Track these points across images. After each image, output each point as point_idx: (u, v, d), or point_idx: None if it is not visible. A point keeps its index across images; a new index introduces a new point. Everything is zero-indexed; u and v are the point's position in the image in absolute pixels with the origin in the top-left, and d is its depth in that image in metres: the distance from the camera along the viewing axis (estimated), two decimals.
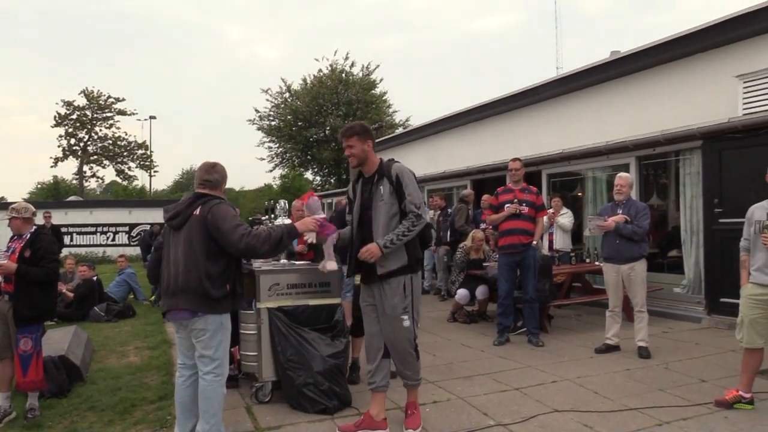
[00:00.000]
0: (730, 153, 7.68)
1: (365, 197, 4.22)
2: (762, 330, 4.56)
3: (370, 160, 4.23)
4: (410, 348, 4.18)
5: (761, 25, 7.59)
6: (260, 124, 33.94)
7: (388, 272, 4.08)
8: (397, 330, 4.13)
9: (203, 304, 3.68)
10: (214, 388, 3.75)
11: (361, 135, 4.17)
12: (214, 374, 3.76)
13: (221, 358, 3.80)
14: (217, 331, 3.75)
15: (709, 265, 7.99)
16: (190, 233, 3.74)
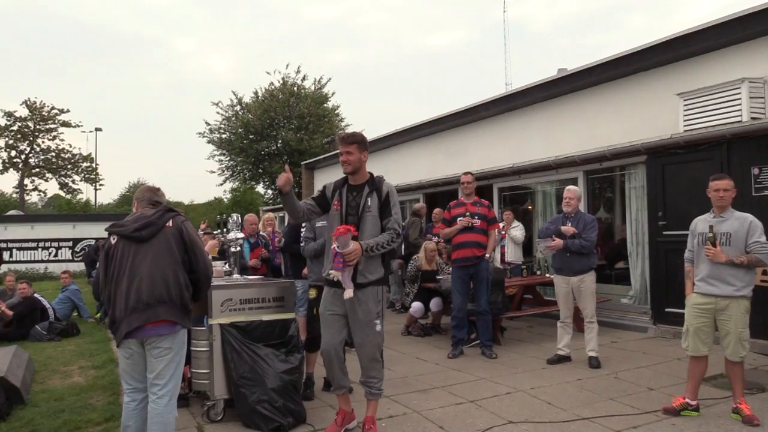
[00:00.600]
0: (672, 167, 7.95)
1: (350, 204, 4.31)
2: (706, 338, 4.71)
3: (363, 171, 4.37)
4: (378, 354, 4.35)
5: (700, 45, 7.92)
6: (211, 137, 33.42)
7: (367, 282, 4.23)
8: (370, 335, 4.27)
9: (183, 316, 3.62)
10: (168, 411, 3.60)
11: (360, 144, 4.32)
12: (169, 396, 3.61)
13: (177, 380, 3.68)
14: (180, 349, 3.66)
15: (654, 276, 8.24)
16: (167, 243, 3.62)
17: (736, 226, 4.58)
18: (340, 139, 4.39)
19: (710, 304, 4.63)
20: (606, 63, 9.25)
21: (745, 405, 4.57)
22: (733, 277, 4.53)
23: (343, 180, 4.44)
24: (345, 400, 4.51)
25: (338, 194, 4.37)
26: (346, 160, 4.29)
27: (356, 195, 4.33)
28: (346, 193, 4.36)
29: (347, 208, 4.31)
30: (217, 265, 5.42)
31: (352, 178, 4.39)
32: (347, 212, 4.31)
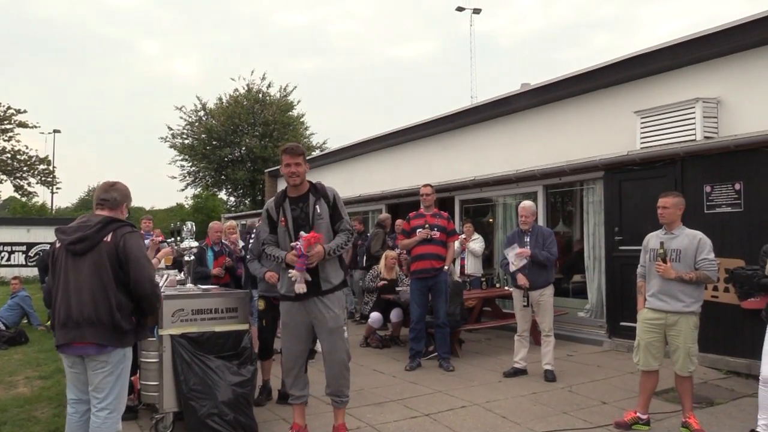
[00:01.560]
0: (628, 184, 8.10)
1: (298, 216, 4.28)
2: (657, 353, 4.78)
3: (304, 181, 4.38)
4: (347, 360, 4.42)
5: (657, 65, 8.11)
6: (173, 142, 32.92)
7: (333, 287, 4.28)
8: (339, 341, 4.33)
9: (113, 337, 3.39)
10: (108, 426, 3.44)
11: (304, 155, 4.35)
12: (109, 410, 3.45)
13: (119, 393, 3.51)
14: (119, 363, 3.48)
15: (610, 291, 8.36)
16: (100, 260, 3.41)
17: (685, 243, 4.67)
18: (286, 151, 4.32)
19: (660, 319, 4.71)
20: (567, 79, 9.40)
21: (693, 419, 4.65)
22: (683, 293, 4.61)
23: (281, 195, 4.41)
24: (300, 413, 4.48)
25: (282, 211, 4.34)
26: (295, 171, 4.27)
27: (302, 206, 4.32)
28: (289, 206, 4.33)
29: (295, 221, 4.28)
30: (170, 274, 5.30)
31: (293, 191, 4.37)
32: (296, 225, 4.27)
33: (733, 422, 4.92)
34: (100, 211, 3.63)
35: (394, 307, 8.41)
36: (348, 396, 4.50)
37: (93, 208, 3.75)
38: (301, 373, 4.41)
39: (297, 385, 4.43)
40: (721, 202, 6.91)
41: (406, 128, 13.50)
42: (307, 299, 4.26)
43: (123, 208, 3.69)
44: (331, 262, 4.32)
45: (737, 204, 6.77)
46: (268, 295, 5.47)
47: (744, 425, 4.73)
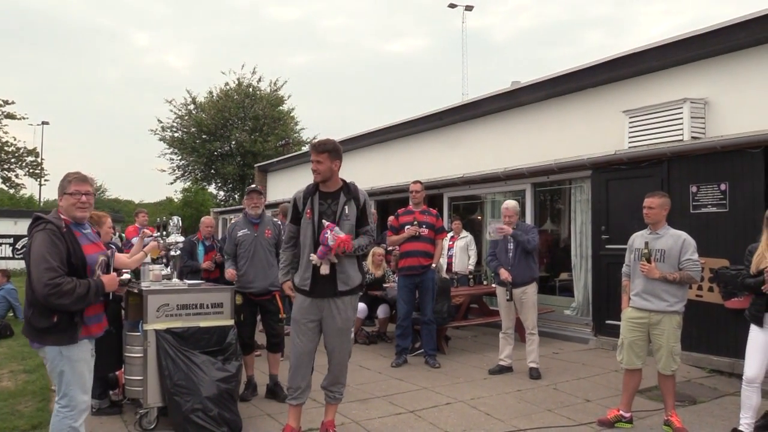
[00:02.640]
0: (615, 183, 8.14)
1: (324, 211, 4.23)
2: (640, 352, 4.82)
3: (335, 178, 4.31)
4: (348, 360, 4.44)
5: (645, 65, 8.15)
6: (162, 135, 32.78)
7: (349, 290, 4.26)
8: (345, 342, 4.35)
9: (31, 334, 3.38)
10: (58, 420, 3.39)
11: (332, 153, 4.23)
12: (61, 405, 3.40)
13: (67, 392, 3.40)
14: (55, 361, 3.37)
15: (596, 289, 8.40)
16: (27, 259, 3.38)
17: (670, 243, 4.70)
18: (311, 147, 4.30)
19: (644, 318, 4.74)
20: (557, 78, 9.42)
21: (675, 417, 4.69)
22: (667, 293, 4.65)
23: (313, 187, 4.33)
24: (296, 415, 4.37)
25: (309, 203, 4.27)
26: (315, 169, 4.23)
27: (331, 202, 4.27)
28: (318, 200, 4.27)
29: (321, 215, 4.22)
30: (155, 268, 5.27)
31: (324, 186, 4.31)
32: (320, 219, 4.21)
33: (715, 420, 4.97)
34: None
35: (381, 303, 8.42)
36: (342, 395, 4.48)
37: None
38: (307, 373, 4.32)
39: (303, 384, 4.30)
40: (707, 202, 6.96)
41: (395, 124, 13.50)
42: (321, 298, 4.23)
43: (58, 200, 3.53)
44: (351, 263, 4.29)
45: (722, 204, 6.82)
46: (245, 291, 5.50)
47: (726, 424, 4.78)
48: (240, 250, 5.58)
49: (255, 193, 5.74)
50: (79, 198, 3.46)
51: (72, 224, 3.45)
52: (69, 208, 3.46)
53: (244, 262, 5.54)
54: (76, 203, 3.47)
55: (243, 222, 5.72)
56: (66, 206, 3.46)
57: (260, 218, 5.69)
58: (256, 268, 5.53)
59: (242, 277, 5.53)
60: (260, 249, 5.57)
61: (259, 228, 5.64)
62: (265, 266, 5.57)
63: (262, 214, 5.74)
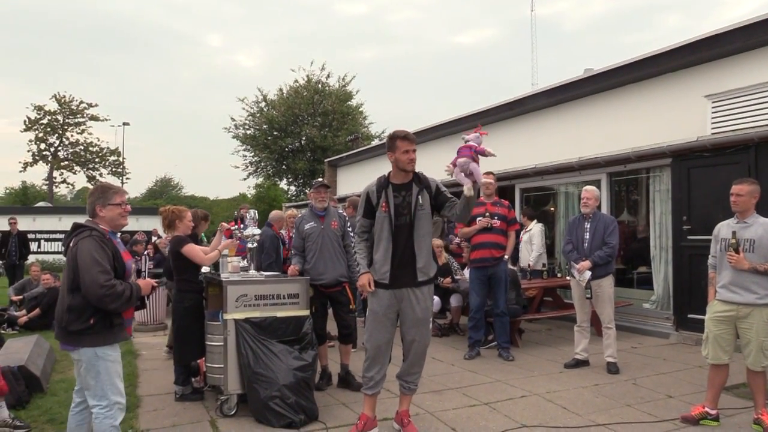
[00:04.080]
0: (698, 171, 7.80)
1: (400, 203, 4.25)
2: (727, 346, 4.60)
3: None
4: (426, 350, 4.44)
5: (729, 46, 7.75)
6: (236, 133, 33.72)
7: (428, 279, 4.28)
8: (425, 333, 4.37)
9: (67, 337, 3.49)
10: (99, 422, 3.50)
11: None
12: (100, 406, 3.50)
13: (104, 392, 3.49)
14: (92, 362, 3.47)
15: (677, 282, 8.08)
16: (67, 265, 3.52)
17: (760, 232, 4.46)
18: (407, 138, 4.25)
19: (731, 311, 4.52)
20: (632, 63, 9.09)
21: (766, 416, 4.45)
22: (756, 285, 4.41)
23: (385, 180, 4.34)
24: (371, 404, 4.38)
25: (384, 195, 4.28)
26: (414, 158, 4.25)
27: (405, 194, 4.26)
28: (393, 193, 4.28)
29: (396, 208, 4.23)
30: (233, 260, 5.45)
31: (398, 177, 4.31)
32: (397, 212, 4.22)
33: None
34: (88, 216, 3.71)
35: (453, 294, 8.39)
36: (418, 384, 4.50)
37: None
38: (385, 363, 4.35)
39: (379, 374, 4.33)
40: None
41: (464, 116, 13.38)
42: (400, 288, 4.24)
43: (97, 211, 3.61)
44: (428, 253, 4.29)
45: None
46: (315, 283, 5.56)
47: None
48: (308, 243, 5.62)
49: (323, 187, 5.77)
50: (125, 207, 3.67)
51: (109, 233, 3.60)
52: (115, 218, 3.62)
53: (313, 254, 5.58)
54: (122, 212, 3.66)
55: (309, 215, 5.76)
56: (112, 216, 3.61)
57: (326, 211, 5.72)
58: (325, 260, 5.56)
59: (312, 269, 5.58)
60: (328, 241, 5.60)
61: (326, 220, 5.67)
62: (333, 258, 5.61)
63: (328, 206, 5.78)
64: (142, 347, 7.84)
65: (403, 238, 4.23)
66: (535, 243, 9.39)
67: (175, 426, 4.64)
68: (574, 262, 6.34)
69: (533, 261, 9.28)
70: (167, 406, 5.16)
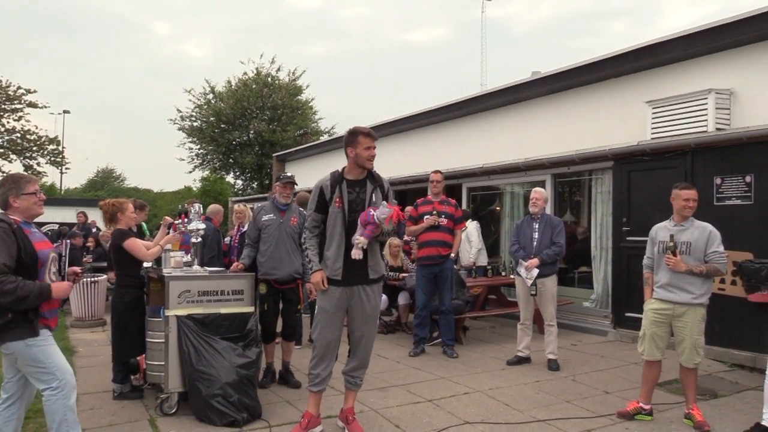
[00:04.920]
0: (638, 174, 8.05)
1: (354, 200, 4.20)
2: (661, 343, 4.77)
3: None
4: (372, 346, 4.48)
5: (670, 55, 8.03)
6: (181, 125, 32.93)
7: (378, 277, 4.32)
8: (373, 329, 4.42)
9: None
10: (51, 405, 3.47)
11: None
12: (51, 389, 3.45)
13: (50, 372, 3.45)
14: (25, 352, 3.41)
15: (616, 281, 8.33)
16: None
17: (696, 235, 4.64)
18: (369, 134, 4.21)
19: (668, 310, 4.70)
20: (578, 68, 9.32)
21: (697, 411, 4.65)
22: (692, 285, 4.59)
23: (339, 176, 4.27)
24: (316, 402, 4.35)
25: (338, 191, 4.21)
26: (374, 155, 4.23)
27: (359, 191, 4.22)
28: (347, 188, 4.23)
29: (350, 204, 4.19)
30: (176, 255, 5.32)
31: (353, 173, 4.26)
32: (350, 208, 4.18)
33: (736, 415, 4.91)
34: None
35: (400, 292, 8.42)
36: (363, 380, 4.50)
37: None
38: (332, 361, 4.32)
39: (327, 371, 4.30)
40: (731, 195, 6.87)
41: (415, 114, 13.46)
42: (352, 286, 4.21)
43: (11, 202, 3.51)
44: (377, 252, 4.32)
45: (747, 197, 6.73)
46: (269, 278, 5.49)
47: (748, 418, 4.72)
48: (264, 235, 5.51)
49: (291, 184, 5.64)
50: (39, 196, 3.60)
51: (21, 222, 3.49)
52: (30, 207, 3.54)
53: (267, 247, 5.48)
54: (37, 201, 3.59)
55: (270, 207, 5.65)
56: (27, 205, 3.53)
57: (287, 206, 5.64)
58: (281, 255, 5.46)
59: (266, 262, 5.48)
60: (285, 235, 5.50)
61: (286, 215, 5.58)
62: (289, 253, 5.52)
63: (291, 203, 5.69)
64: (79, 344, 7.57)
65: (353, 232, 4.20)
66: (473, 240, 9.47)
67: (112, 425, 4.50)
68: (522, 260, 6.46)
69: (474, 257, 9.38)
70: (105, 404, 5.00)
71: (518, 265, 6.56)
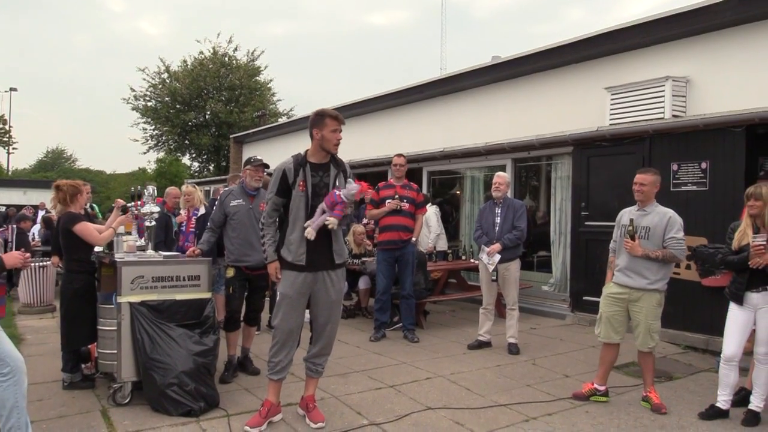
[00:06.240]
0: (597, 159, 8.12)
1: (317, 183, 4.09)
2: (618, 326, 4.82)
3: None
4: (336, 331, 4.39)
5: (628, 42, 8.09)
6: (135, 104, 32.04)
7: (342, 262, 4.27)
8: (338, 315, 4.36)
9: None
10: (2, 390, 3.39)
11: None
12: (2, 375, 3.39)
13: (1, 357, 3.39)
14: None
15: (574, 265, 8.43)
16: None
17: (655, 220, 4.68)
18: (338, 118, 4.10)
19: (624, 294, 4.74)
20: (538, 53, 9.33)
21: (654, 393, 4.72)
22: (648, 270, 4.64)
23: (302, 159, 4.14)
24: (276, 390, 4.24)
25: (302, 174, 4.08)
26: (340, 138, 4.12)
27: (323, 174, 4.11)
28: (310, 172, 4.11)
29: (314, 188, 4.07)
30: (129, 239, 5.12)
31: (317, 157, 4.13)
32: (314, 192, 4.06)
33: (692, 396, 5.02)
34: None
35: (360, 276, 8.35)
36: (324, 367, 4.41)
37: None
38: (293, 348, 4.21)
39: (287, 359, 4.18)
40: (687, 181, 6.98)
41: (374, 97, 13.32)
42: (316, 271, 4.10)
43: None
44: (341, 237, 4.25)
45: (702, 183, 6.85)
46: (239, 264, 5.31)
47: (702, 399, 4.83)
48: (232, 221, 5.32)
49: (263, 166, 5.45)
50: None
51: None
52: None
53: (238, 234, 5.30)
54: None
55: (239, 192, 5.44)
56: None
57: (257, 191, 5.45)
58: (252, 241, 5.24)
59: (236, 250, 5.29)
60: (255, 222, 5.25)
61: (255, 200, 5.38)
62: (260, 239, 5.36)
63: (260, 188, 5.49)
64: (27, 331, 7.29)
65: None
66: (432, 225, 9.42)
67: (62, 417, 4.32)
68: (485, 245, 6.45)
69: (432, 242, 9.35)
70: (54, 395, 4.80)
71: (481, 250, 6.56)
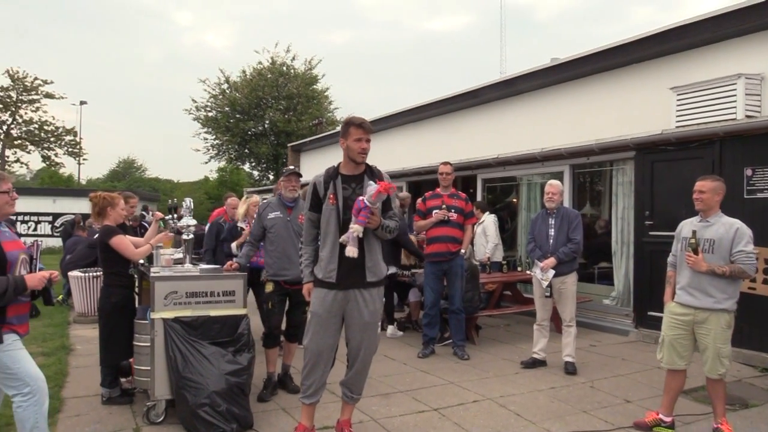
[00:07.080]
0: (662, 165, 7.60)
1: (349, 196, 3.84)
2: (683, 351, 4.38)
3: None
4: (373, 356, 4.09)
5: (696, 38, 7.57)
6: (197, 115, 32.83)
7: (377, 281, 3.92)
8: (373, 337, 4.01)
9: None
10: (22, 412, 3.37)
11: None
12: (21, 395, 3.37)
13: (20, 379, 3.36)
14: None
15: (638, 278, 7.90)
16: None
17: (721, 232, 4.22)
18: (362, 125, 3.84)
19: (688, 315, 4.29)
20: (598, 53, 8.88)
21: (726, 426, 4.23)
22: (715, 288, 4.18)
23: (334, 171, 3.94)
24: (309, 414, 4.02)
25: (332, 187, 3.87)
26: (366, 148, 3.84)
27: (356, 186, 3.87)
28: (341, 184, 3.88)
29: (345, 201, 3.83)
30: (166, 252, 5.03)
31: (349, 168, 3.91)
32: (345, 205, 3.81)
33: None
34: None
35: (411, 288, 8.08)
36: (362, 393, 4.16)
37: None
38: (326, 370, 3.99)
39: (319, 381, 3.97)
40: (763, 187, 6.41)
41: (429, 103, 13.08)
42: (347, 290, 3.86)
43: None
44: (377, 252, 3.93)
45: None
46: (278, 279, 5.14)
47: None
48: (270, 235, 5.17)
49: (294, 175, 5.30)
50: (12, 195, 3.51)
51: None
52: (2, 206, 3.48)
53: (276, 247, 5.13)
54: (9, 201, 3.50)
55: (276, 204, 5.30)
56: None
57: (295, 202, 5.28)
58: (290, 255, 5.06)
59: (275, 264, 5.13)
60: (294, 235, 5.11)
61: (293, 212, 5.22)
62: (299, 253, 5.19)
63: (298, 198, 5.33)
64: (78, 341, 7.36)
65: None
66: (489, 234, 9.07)
67: None
68: (538, 260, 6.07)
69: (490, 252, 8.99)
70: (92, 410, 4.75)
71: (534, 265, 6.18)
